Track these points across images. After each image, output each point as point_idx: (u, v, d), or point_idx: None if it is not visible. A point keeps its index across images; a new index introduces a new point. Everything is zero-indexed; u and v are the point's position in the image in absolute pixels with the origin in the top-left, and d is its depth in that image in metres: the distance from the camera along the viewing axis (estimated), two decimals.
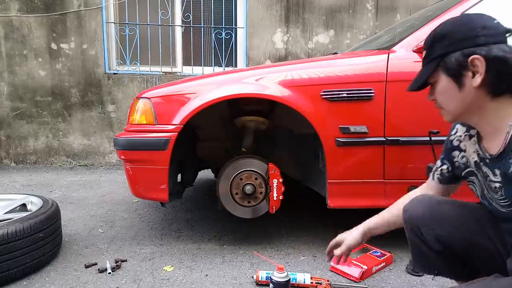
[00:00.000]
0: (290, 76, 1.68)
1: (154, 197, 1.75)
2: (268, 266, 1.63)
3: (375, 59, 1.69)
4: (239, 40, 4.09)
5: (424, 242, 0.99)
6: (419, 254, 1.04)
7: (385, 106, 1.63)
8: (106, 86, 3.90)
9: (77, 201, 2.65)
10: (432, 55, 0.86)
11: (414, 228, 1.01)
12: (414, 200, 1.04)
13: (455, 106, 0.85)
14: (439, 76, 0.86)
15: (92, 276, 1.53)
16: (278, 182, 1.72)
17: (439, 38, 0.84)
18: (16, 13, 3.73)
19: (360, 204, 1.70)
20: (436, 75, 0.86)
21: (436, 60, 0.85)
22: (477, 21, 0.80)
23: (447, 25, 0.85)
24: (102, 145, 3.98)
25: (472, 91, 0.81)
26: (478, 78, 0.79)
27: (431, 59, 0.86)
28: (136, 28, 3.90)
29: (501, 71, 0.77)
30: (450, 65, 0.82)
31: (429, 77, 0.87)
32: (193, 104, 1.67)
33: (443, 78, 0.85)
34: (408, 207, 1.04)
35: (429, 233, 0.97)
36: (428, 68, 0.87)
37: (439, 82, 0.86)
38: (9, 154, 3.91)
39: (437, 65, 0.85)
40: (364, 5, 4.10)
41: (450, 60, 0.82)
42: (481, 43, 0.78)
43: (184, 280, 1.50)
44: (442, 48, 0.83)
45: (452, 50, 0.81)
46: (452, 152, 1.02)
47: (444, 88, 0.85)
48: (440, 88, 0.86)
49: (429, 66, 0.87)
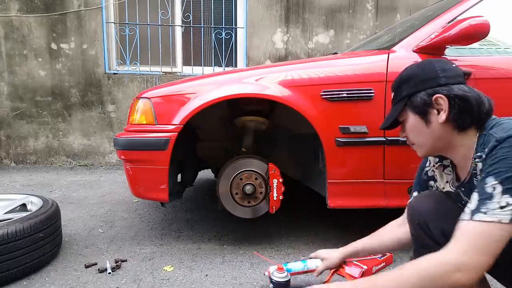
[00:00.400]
0: (290, 76, 1.68)
1: (154, 197, 1.75)
2: (268, 266, 1.63)
3: (375, 59, 1.69)
4: (239, 40, 4.09)
5: (430, 236, 1.00)
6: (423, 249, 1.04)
7: (385, 106, 1.63)
8: (106, 86, 3.90)
9: (77, 201, 2.65)
10: (399, 96, 0.94)
11: (421, 223, 1.02)
12: (421, 195, 1.07)
13: (425, 141, 0.93)
14: (407, 115, 0.93)
15: (92, 276, 1.53)
16: (278, 182, 1.72)
17: (405, 80, 0.93)
18: (16, 13, 3.73)
19: (360, 204, 1.70)
20: (405, 114, 0.94)
21: (403, 100, 0.93)
22: (437, 65, 0.89)
23: (411, 69, 0.94)
24: (102, 145, 3.98)
25: (439, 126, 0.88)
26: (443, 115, 0.86)
27: (399, 99, 0.95)
28: (136, 28, 3.90)
29: (462, 107, 0.84)
30: (416, 104, 0.90)
31: (398, 116, 0.95)
32: (193, 104, 1.67)
33: (411, 116, 0.92)
34: (415, 202, 1.06)
35: (436, 228, 0.98)
36: (397, 108, 0.95)
37: (408, 120, 0.94)
38: (9, 154, 3.91)
39: (404, 104, 0.93)
40: (364, 5, 4.10)
41: (416, 99, 0.90)
42: (443, 83, 0.87)
43: (184, 280, 1.51)
44: (408, 89, 0.92)
45: (417, 90, 0.90)
46: (429, 182, 1.09)
47: (413, 125, 0.93)
48: (409, 125, 0.94)
49: (397, 106, 0.95)
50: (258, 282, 1.49)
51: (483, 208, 0.73)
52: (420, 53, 1.65)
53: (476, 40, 1.52)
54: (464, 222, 0.76)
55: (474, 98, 0.84)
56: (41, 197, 1.82)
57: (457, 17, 1.66)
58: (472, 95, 0.85)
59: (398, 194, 1.67)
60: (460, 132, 0.87)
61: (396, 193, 1.67)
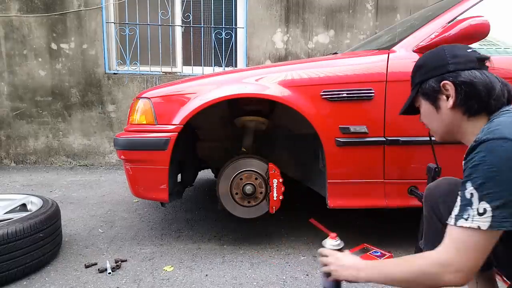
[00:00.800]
0: (290, 76, 1.68)
1: (154, 197, 1.75)
2: (268, 266, 1.63)
3: (375, 59, 1.69)
4: (239, 40, 4.09)
5: (440, 218, 1.03)
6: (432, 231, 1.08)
7: (385, 106, 1.63)
8: (106, 86, 3.90)
9: (77, 201, 2.65)
10: (413, 83, 1.00)
11: (434, 205, 1.06)
12: (441, 179, 1.11)
13: (437, 126, 0.97)
14: (420, 101, 0.98)
15: (92, 276, 1.53)
16: (278, 182, 1.72)
17: (418, 68, 0.98)
18: (16, 13, 3.73)
19: (360, 204, 1.70)
20: (419, 100, 0.99)
21: (416, 87, 0.98)
22: (448, 51, 0.92)
23: (424, 56, 0.98)
24: (102, 145, 3.98)
25: (448, 112, 0.91)
26: (450, 101, 0.89)
27: (413, 86, 1.00)
28: (136, 28, 3.90)
29: (468, 93, 0.86)
30: (426, 91, 0.94)
31: (413, 102, 1.01)
32: (193, 104, 1.67)
33: (423, 102, 0.97)
34: (432, 185, 1.10)
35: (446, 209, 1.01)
36: (411, 94, 1.00)
37: (421, 106, 0.99)
38: (9, 154, 3.91)
39: (417, 91, 0.98)
40: (364, 5, 4.10)
41: (426, 86, 0.94)
42: (451, 70, 0.89)
43: (184, 280, 1.51)
44: (420, 76, 0.96)
45: (427, 77, 0.94)
46: None
47: (425, 111, 0.98)
48: (423, 111, 0.99)
49: (412, 92, 1.00)
50: (258, 282, 1.49)
51: (465, 214, 0.75)
52: (420, 53, 1.65)
53: (476, 40, 1.52)
54: (450, 227, 0.78)
55: (481, 84, 0.85)
56: (41, 197, 1.82)
57: (457, 17, 1.66)
58: (480, 80, 0.86)
59: (398, 194, 1.67)
60: (470, 117, 0.89)
61: (396, 193, 1.67)
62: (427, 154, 1.50)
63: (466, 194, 0.75)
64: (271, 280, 1.51)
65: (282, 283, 1.48)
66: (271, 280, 1.50)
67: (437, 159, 1.44)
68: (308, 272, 1.58)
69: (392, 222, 2.18)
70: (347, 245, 1.77)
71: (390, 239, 1.87)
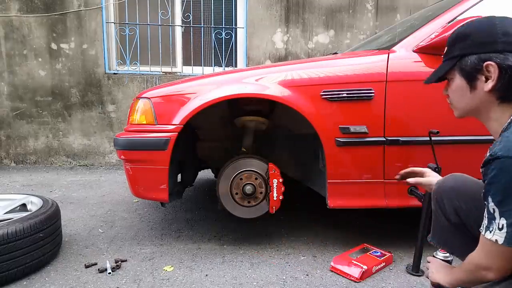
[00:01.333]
0: (290, 76, 1.68)
1: (154, 197, 1.75)
2: (268, 266, 1.63)
3: (375, 59, 1.69)
4: (239, 40, 4.09)
5: (444, 213, 1.05)
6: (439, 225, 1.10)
7: (385, 106, 1.63)
8: (106, 86, 3.90)
9: (77, 201, 2.65)
10: (451, 53, 0.89)
11: (439, 199, 1.06)
12: (448, 176, 1.10)
13: (464, 105, 0.90)
14: (454, 75, 0.89)
15: (92, 276, 1.53)
16: (278, 182, 1.72)
17: (461, 38, 0.87)
18: (16, 13, 3.73)
19: (360, 204, 1.70)
20: (452, 73, 0.90)
21: (454, 59, 0.88)
22: (500, 26, 0.82)
23: (470, 26, 0.87)
24: (102, 145, 3.98)
25: (482, 94, 0.85)
26: (490, 84, 0.82)
27: (450, 57, 0.90)
28: (136, 28, 3.90)
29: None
30: (465, 67, 0.85)
31: (446, 74, 0.92)
32: (193, 104, 1.67)
33: (458, 77, 0.88)
34: (441, 180, 1.10)
35: (449, 204, 1.02)
36: (446, 66, 0.91)
37: (453, 80, 0.90)
38: (9, 154, 3.91)
39: (454, 64, 0.88)
40: (364, 5, 4.10)
41: (466, 62, 0.85)
42: (499, 50, 0.80)
43: (184, 280, 1.51)
44: (462, 49, 0.86)
45: (470, 53, 0.84)
46: None
47: (457, 87, 0.90)
48: (454, 86, 0.91)
49: (447, 63, 0.91)
50: (258, 282, 1.49)
51: (491, 227, 0.79)
52: (420, 53, 1.65)
53: None
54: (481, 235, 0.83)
55: None
56: (41, 197, 1.82)
57: (457, 17, 1.66)
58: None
59: (398, 194, 1.67)
60: (501, 103, 0.84)
61: (396, 193, 1.67)
62: (427, 154, 1.50)
63: (490, 208, 0.78)
64: (271, 280, 1.51)
65: (282, 283, 1.48)
66: (271, 280, 1.50)
67: (437, 159, 1.44)
68: (308, 272, 1.58)
69: (392, 222, 2.18)
70: (347, 245, 1.79)
71: (390, 239, 1.87)
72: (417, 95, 1.64)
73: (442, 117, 1.59)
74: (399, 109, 1.64)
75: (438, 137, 1.51)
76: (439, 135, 1.48)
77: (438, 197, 1.06)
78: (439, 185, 1.08)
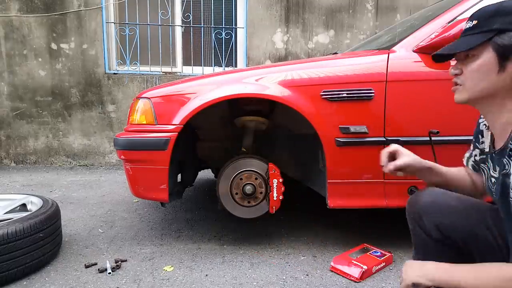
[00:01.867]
0: (290, 76, 1.68)
1: (154, 197, 1.75)
2: (268, 266, 1.63)
3: (375, 59, 1.69)
4: (239, 40, 4.09)
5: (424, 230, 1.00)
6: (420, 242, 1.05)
7: (385, 106, 1.63)
8: (106, 86, 3.90)
9: (77, 201, 2.65)
10: (487, 26, 0.79)
11: (416, 217, 1.02)
12: (420, 191, 1.05)
13: (483, 87, 0.81)
14: (484, 51, 0.79)
15: (92, 276, 1.53)
16: (278, 182, 1.72)
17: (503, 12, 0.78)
18: (16, 13, 3.73)
19: (360, 204, 1.70)
20: (482, 49, 0.80)
21: (491, 32, 0.78)
22: None
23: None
24: (102, 145, 3.98)
25: (509, 78, 0.77)
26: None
27: (484, 30, 0.79)
28: (136, 28, 3.90)
29: None
30: (503, 43, 0.76)
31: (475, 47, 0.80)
32: (193, 104, 1.67)
33: (488, 54, 0.79)
34: (414, 197, 1.06)
35: (429, 221, 0.98)
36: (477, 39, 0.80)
37: (480, 56, 0.80)
38: (9, 154, 3.91)
39: (489, 38, 0.78)
40: (364, 5, 4.10)
41: (505, 37, 0.76)
42: None
43: (184, 280, 1.51)
44: (503, 23, 0.77)
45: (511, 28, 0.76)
46: (479, 135, 1.02)
47: (483, 65, 0.80)
48: (478, 63, 0.80)
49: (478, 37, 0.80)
50: (258, 282, 1.49)
51: None
52: (420, 53, 1.65)
53: None
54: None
55: None
56: (41, 197, 1.82)
57: (457, 17, 1.66)
58: None
59: (398, 194, 1.67)
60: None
61: (396, 193, 1.67)
62: (427, 154, 1.50)
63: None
64: (271, 280, 1.51)
65: (282, 283, 1.48)
66: (271, 280, 1.50)
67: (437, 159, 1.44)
68: (308, 272, 1.58)
69: (392, 222, 2.18)
70: (347, 245, 1.79)
71: (390, 239, 1.87)
72: (417, 95, 1.64)
73: (442, 117, 1.59)
74: (399, 109, 1.64)
75: (438, 137, 1.51)
76: (439, 135, 1.48)
77: (416, 216, 1.01)
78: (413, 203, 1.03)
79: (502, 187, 0.80)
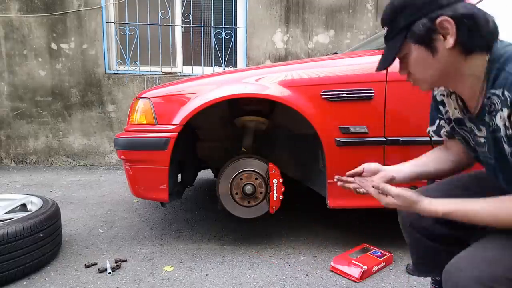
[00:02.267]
0: (290, 76, 1.68)
1: (154, 197, 1.75)
2: (268, 266, 1.63)
3: (375, 59, 1.69)
4: (239, 40, 4.09)
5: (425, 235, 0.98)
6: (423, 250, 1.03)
7: (385, 106, 1.63)
8: (106, 86, 3.90)
9: (77, 201, 2.65)
10: (396, 28, 0.83)
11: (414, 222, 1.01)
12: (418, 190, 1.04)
13: (432, 73, 0.83)
14: (409, 48, 0.83)
15: (92, 276, 1.53)
16: (278, 182, 1.72)
17: (399, 9, 0.82)
18: (16, 13, 3.73)
19: (360, 204, 1.70)
20: (406, 48, 0.84)
21: (402, 32, 0.82)
22: None
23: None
24: (102, 145, 3.98)
25: (446, 53, 0.79)
26: (451, 39, 0.77)
27: (396, 33, 0.84)
28: (136, 28, 3.90)
29: (471, 27, 0.76)
30: (418, 33, 0.79)
31: (399, 51, 0.84)
32: (193, 104, 1.67)
33: (414, 48, 0.82)
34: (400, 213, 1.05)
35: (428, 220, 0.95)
36: (395, 43, 0.84)
37: (410, 53, 0.84)
38: (9, 154, 3.91)
39: (405, 35, 0.82)
40: (364, 5, 4.10)
41: (417, 28, 0.79)
42: (445, 4, 0.77)
43: (184, 280, 1.51)
44: (406, 18, 0.81)
45: (417, 18, 0.79)
46: (439, 107, 1.03)
47: (417, 58, 0.83)
48: (413, 59, 0.84)
49: (396, 40, 0.84)
50: (258, 282, 1.49)
51: None
52: None
53: None
54: None
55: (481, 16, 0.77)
56: (41, 197, 1.82)
57: None
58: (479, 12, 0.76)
59: None
60: (467, 57, 0.79)
61: None
62: None
63: None
64: (271, 280, 1.51)
65: (282, 283, 1.48)
66: (271, 280, 1.50)
67: None
68: (308, 272, 1.58)
69: (392, 222, 2.18)
70: (347, 245, 1.79)
71: (390, 239, 1.87)
72: (417, 95, 1.63)
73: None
74: (399, 109, 1.64)
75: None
76: None
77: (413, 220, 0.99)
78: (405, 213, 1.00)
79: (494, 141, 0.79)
